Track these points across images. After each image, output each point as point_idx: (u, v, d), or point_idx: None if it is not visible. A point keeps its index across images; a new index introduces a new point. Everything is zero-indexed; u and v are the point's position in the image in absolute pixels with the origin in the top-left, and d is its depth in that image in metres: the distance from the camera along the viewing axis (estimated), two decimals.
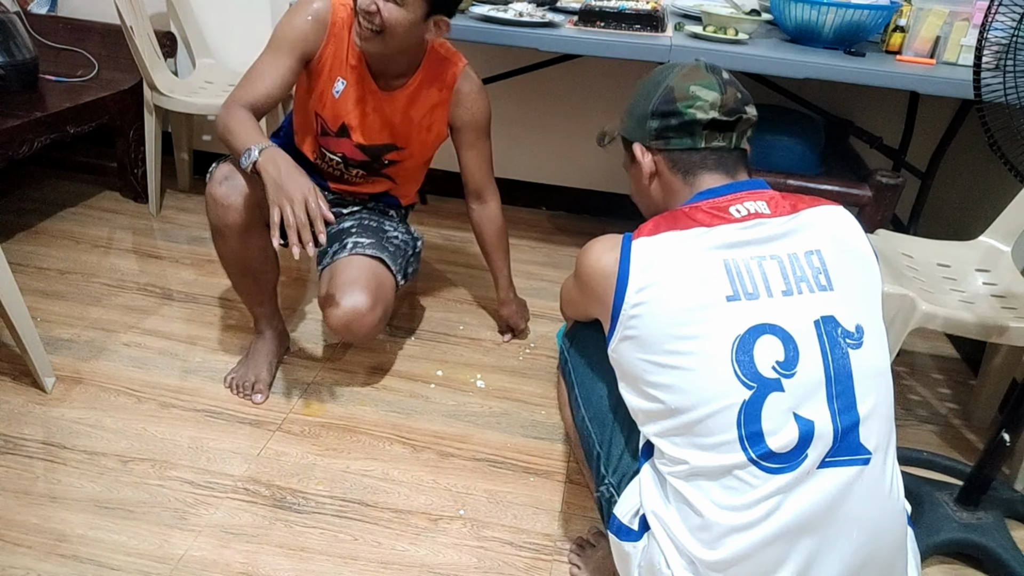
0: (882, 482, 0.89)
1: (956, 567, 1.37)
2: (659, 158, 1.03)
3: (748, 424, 0.86)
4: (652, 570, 0.94)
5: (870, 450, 0.88)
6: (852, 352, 0.88)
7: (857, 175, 1.97)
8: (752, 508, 0.87)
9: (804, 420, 0.86)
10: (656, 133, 1.02)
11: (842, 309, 0.89)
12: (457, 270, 2.24)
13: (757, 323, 0.88)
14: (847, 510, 0.87)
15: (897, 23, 1.87)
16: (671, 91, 1.00)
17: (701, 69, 1.02)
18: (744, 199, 0.96)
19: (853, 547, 0.88)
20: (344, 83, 1.53)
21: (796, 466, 0.86)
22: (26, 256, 2.10)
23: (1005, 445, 1.29)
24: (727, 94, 0.99)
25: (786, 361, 0.87)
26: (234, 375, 1.66)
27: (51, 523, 1.29)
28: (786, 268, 0.90)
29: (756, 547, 0.87)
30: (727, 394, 0.87)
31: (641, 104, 1.04)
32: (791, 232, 0.93)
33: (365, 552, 1.30)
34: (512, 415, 1.66)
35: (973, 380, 1.92)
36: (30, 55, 2.19)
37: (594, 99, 2.50)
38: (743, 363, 0.87)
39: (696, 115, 0.98)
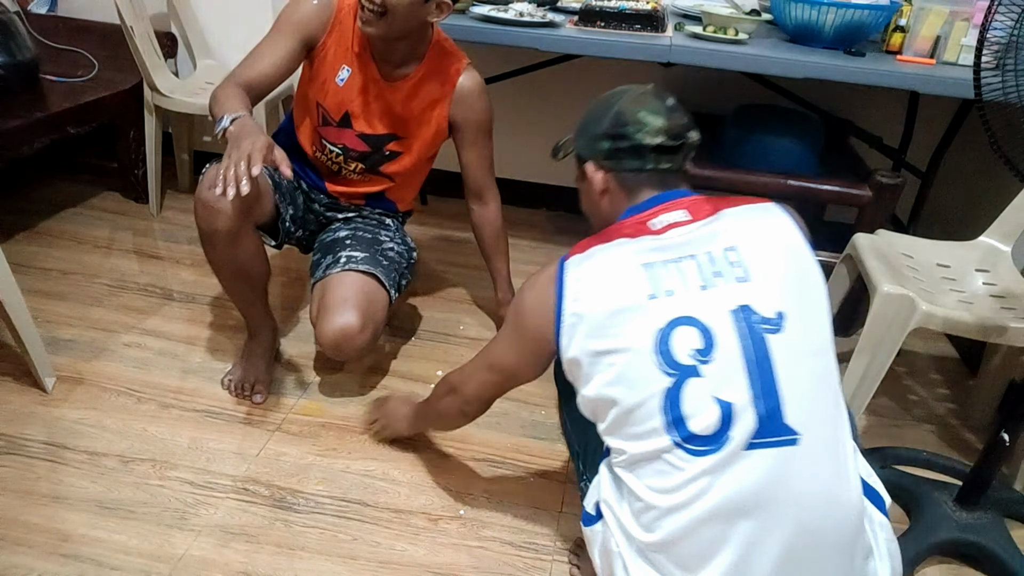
0: (820, 463, 0.92)
1: (955, 567, 1.37)
2: (610, 176, 1.12)
3: (671, 410, 0.93)
4: (607, 552, 1.03)
5: (797, 430, 0.91)
6: (771, 337, 0.93)
7: (857, 175, 1.97)
8: (682, 489, 0.92)
9: (724, 403, 0.91)
10: (607, 154, 1.10)
11: (759, 298, 0.95)
12: (457, 270, 2.24)
13: (675, 316, 0.95)
14: (782, 491, 0.90)
15: (897, 23, 1.87)
16: (621, 115, 1.09)
17: (649, 95, 1.10)
18: (660, 212, 1.05)
19: (792, 529, 0.91)
20: (349, 71, 1.53)
21: (720, 447, 0.91)
22: (27, 256, 2.10)
23: (1004, 445, 1.29)
24: (672, 120, 1.08)
25: (703, 349, 0.93)
26: (232, 377, 1.66)
27: (52, 523, 1.29)
28: (703, 266, 0.98)
29: (690, 527, 0.92)
30: (651, 384, 0.94)
31: (593, 125, 1.12)
32: (710, 233, 1.00)
33: (365, 552, 1.30)
34: (512, 415, 1.66)
35: (972, 380, 1.93)
36: (30, 55, 2.19)
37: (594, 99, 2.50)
38: (663, 353, 0.94)
39: (644, 140, 1.07)
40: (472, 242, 1.90)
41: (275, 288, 1.97)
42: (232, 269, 1.51)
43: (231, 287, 1.57)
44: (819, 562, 0.93)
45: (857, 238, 1.67)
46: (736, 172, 1.92)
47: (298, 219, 1.68)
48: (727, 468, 0.90)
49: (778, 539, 0.91)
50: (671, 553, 0.95)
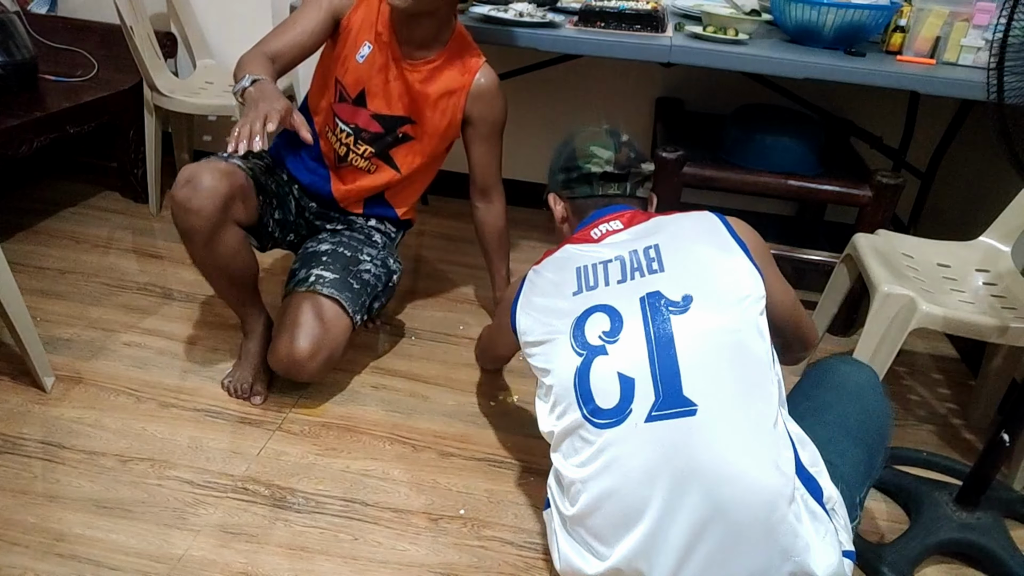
0: (724, 435, 0.95)
1: (955, 567, 1.37)
2: (567, 204, 1.31)
3: (581, 386, 1.04)
4: (551, 533, 1.16)
5: (696, 402, 0.96)
6: (675, 317, 1.02)
7: (857, 175, 1.97)
8: (593, 462, 1.01)
9: (626, 378, 1.00)
10: (563, 184, 1.30)
11: (670, 284, 1.05)
12: (457, 270, 2.24)
13: (591, 305, 1.08)
14: (684, 461, 0.95)
15: (897, 23, 1.87)
16: (574, 150, 1.28)
17: (602, 133, 1.29)
18: (600, 223, 1.20)
19: (699, 500, 0.94)
20: (370, 48, 1.53)
21: (622, 420, 0.99)
22: (26, 256, 2.10)
23: (1004, 445, 1.29)
24: (620, 153, 1.26)
25: (611, 331, 1.04)
26: (230, 379, 1.65)
27: (50, 523, 1.29)
28: (625, 264, 1.10)
29: (602, 498, 1.00)
30: (566, 365, 1.06)
31: (554, 161, 1.33)
32: (638, 236, 1.14)
33: (365, 552, 1.30)
34: (512, 415, 1.66)
35: (973, 380, 1.93)
36: (30, 55, 2.19)
37: (594, 99, 2.50)
38: (576, 336, 1.06)
39: (591, 168, 1.25)
40: (473, 242, 1.90)
41: (274, 287, 1.97)
42: (213, 267, 1.50)
43: (218, 286, 1.57)
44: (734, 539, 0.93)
45: (857, 238, 1.67)
46: (736, 172, 1.92)
47: (287, 224, 1.68)
48: (629, 439, 0.98)
49: (688, 510, 0.94)
50: (589, 524, 1.04)
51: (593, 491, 1.01)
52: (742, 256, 1.08)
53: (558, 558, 1.12)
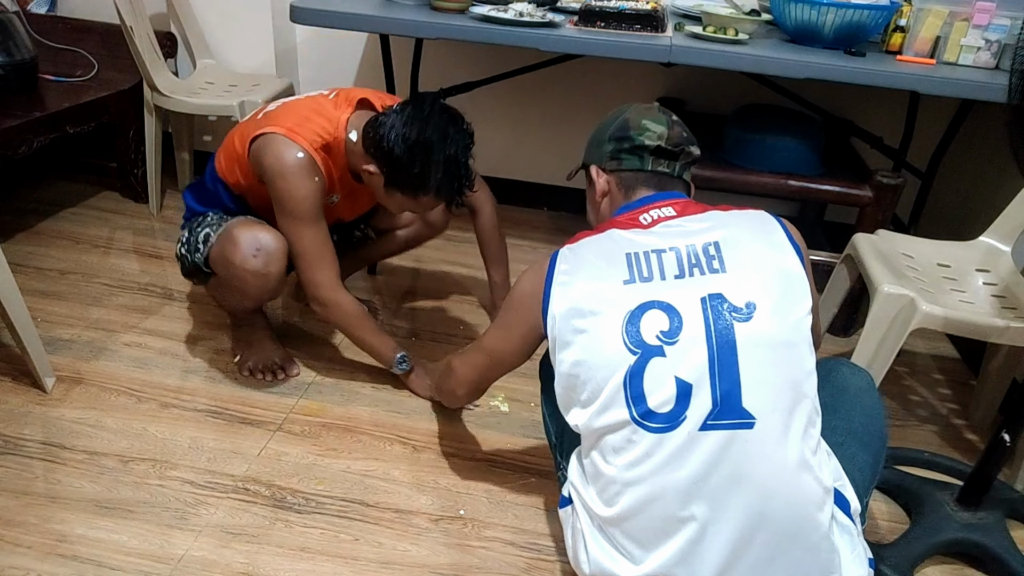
0: (776, 450, 0.94)
1: (957, 567, 1.37)
2: (611, 178, 1.20)
3: (633, 386, 0.98)
4: (574, 533, 1.10)
5: (755, 415, 0.94)
6: (738, 324, 0.97)
7: (857, 175, 1.97)
8: (640, 464, 0.97)
9: (683, 382, 0.96)
10: (610, 155, 1.19)
11: (732, 288, 1.00)
12: (457, 270, 2.24)
13: (647, 300, 1.01)
14: (734, 472, 0.93)
15: (897, 23, 1.87)
16: (627, 121, 1.18)
17: (655, 109, 1.20)
18: (651, 208, 1.12)
19: (745, 512, 0.93)
20: (337, 197, 1.60)
21: (676, 425, 0.95)
22: (26, 256, 2.10)
23: (1005, 445, 1.29)
24: (673, 131, 1.17)
25: (670, 331, 0.98)
26: (251, 363, 1.69)
27: (51, 523, 1.29)
28: (682, 257, 1.03)
29: (646, 501, 0.96)
30: (616, 360, 0.99)
31: (600, 132, 1.22)
32: (695, 229, 1.06)
33: (366, 552, 1.30)
34: (512, 415, 1.66)
35: (973, 380, 1.93)
36: (29, 55, 2.19)
37: (594, 99, 2.50)
38: (631, 333, 0.99)
39: (645, 141, 1.15)
40: (472, 242, 1.90)
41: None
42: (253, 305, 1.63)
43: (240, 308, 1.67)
44: (777, 553, 0.94)
45: (857, 238, 1.67)
46: (737, 172, 1.92)
47: None
48: (682, 446, 0.94)
49: (735, 522, 0.93)
50: (626, 527, 1.00)
51: (637, 494, 0.98)
52: (798, 264, 1.04)
53: (586, 560, 1.06)
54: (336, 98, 1.54)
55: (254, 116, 1.58)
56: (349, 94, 1.55)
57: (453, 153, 1.43)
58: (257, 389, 1.67)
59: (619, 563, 1.01)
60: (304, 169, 1.44)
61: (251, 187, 1.56)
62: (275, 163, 1.44)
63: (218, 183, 1.60)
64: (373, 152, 1.44)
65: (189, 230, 1.59)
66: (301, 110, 1.51)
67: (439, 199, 1.48)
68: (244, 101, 2.21)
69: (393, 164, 1.42)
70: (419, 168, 1.41)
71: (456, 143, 1.43)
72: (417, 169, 1.41)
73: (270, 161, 1.44)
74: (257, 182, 1.52)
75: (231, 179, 1.58)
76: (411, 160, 1.41)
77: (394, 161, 1.42)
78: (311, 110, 1.50)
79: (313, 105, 1.52)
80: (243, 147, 1.51)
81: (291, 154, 1.43)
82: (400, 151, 1.40)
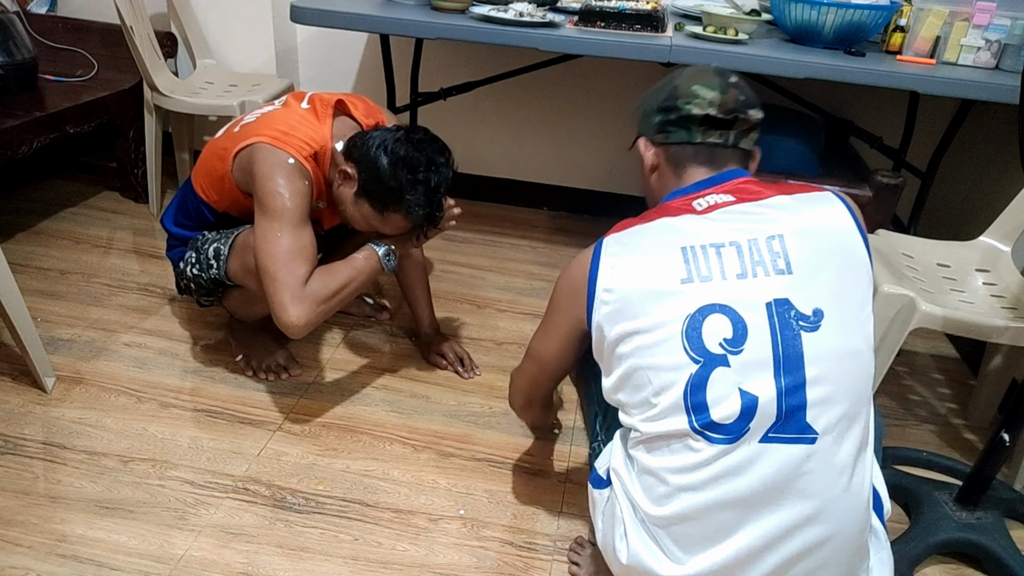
0: (835, 467, 0.91)
1: (956, 567, 1.37)
2: (659, 151, 1.10)
3: (694, 395, 0.92)
4: (612, 518, 1.03)
5: (818, 431, 0.90)
6: (805, 334, 0.91)
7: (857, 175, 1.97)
8: (697, 472, 0.92)
9: (748, 395, 0.90)
10: (658, 127, 1.09)
11: (799, 292, 0.93)
12: (457, 270, 2.24)
13: (708, 303, 0.93)
14: (793, 487, 0.90)
15: (897, 23, 1.87)
16: (676, 88, 1.07)
17: (709, 71, 1.08)
18: (708, 193, 1.02)
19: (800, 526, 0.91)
20: (324, 203, 1.57)
21: (738, 438, 0.90)
22: (26, 256, 2.10)
23: (1005, 445, 1.29)
24: (727, 95, 1.04)
25: (734, 339, 0.92)
26: (254, 363, 1.69)
27: (51, 523, 1.29)
28: (744, 253, 0.95)
29: (700, 510, 0.93)
30: (676, 367, 0.93)
31: (650, 101, 1.11)
32: (756, 218, 0.97)
33: (365, 552, 1.30)
34: (512, 415, 1.66)
35: (973, 380, 1.93)
36: (30, 55, 2.19)
37: (594, 99, 2.50)
38: (692, 339, 0.92)
39: (692, 110, 1.04)
40: (473, 242, 1.90)
41: None
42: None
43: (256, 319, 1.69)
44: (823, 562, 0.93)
45: None
46: None
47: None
48: (743, 459, 0.90)
49: (785, 536, 0.91)
50: (674, 530, 0.95)
51: (691, 502, 0.93)
52: (865, 255, 0.96)
53: (624, 549, 1.00)
54: (313, 107, 1.52)
55: (228, 131, 1.55)
56: (323, 99, 1.53)
57: (435, 181, 1.43)
58: (257, 389, 1.67)
59: (660, 561, 0.97)
60: (294, 171, 1.42)
61: (235, 202, 1.53)
62: (264, 167, 1.41)
63: (201, 204, 1.58)
64: (356, 157, 1.44)
65: (196, 251, 1.55)
66: (283, 121, 1.47)
67: (407, 220, 1.46)
68: (244, 101, 2.21)
69: (372, 172, 1.42)
70: (397, 183, 1.41)
71: (439, 174, 1.44)
72: (395, 183, 1.41)
73: (259, 167, 1.42)
74: (242, 196, 1.50)
75: (213, 198, 1.56)
76: (392, 173, 1.40)
77: (374, 169, 1.41)
78: (294, 121, 1.47)
79: (294, 116, 1.49)
80: (225, 163, 1.48)
81: (281, 159, 1.42)
82: (383, 162, 1.40)
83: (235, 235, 1.52)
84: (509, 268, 2.26)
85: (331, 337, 1.88)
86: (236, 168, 1.47)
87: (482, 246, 2.38)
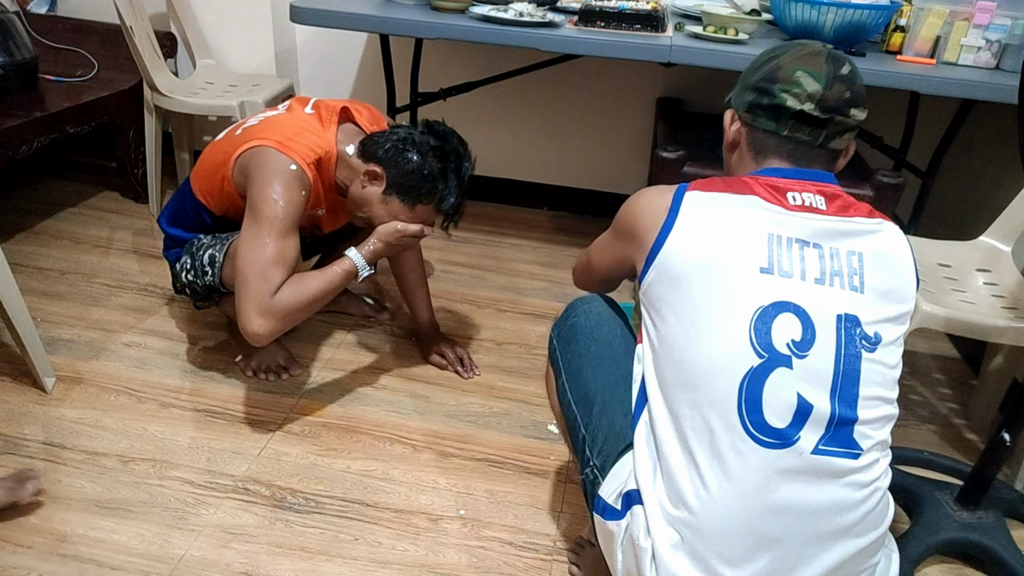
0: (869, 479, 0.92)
1: (956, 567, 1.37)
2: (743, 131, 1.03)
3: (750, 391, 0.88)
4: (634, 546, 0.95)
5: (862, 447, 0.91)
6: (865, 354, 0.91)
7: (858, 175, 1.96)
8: (739, 476, 0.88)
9: (804, 401, 0.88)
10: (748, 106, 1.01)
11: (867, 313, 0.92)
12: (458, 270, 2.24)
13: (783, 300, 0.90)
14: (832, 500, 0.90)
15: (897, 23, 1.87)
16: (777, 70, 0.98)
17: (819, 56, 0.98)
18: (798, 188, 0.96)
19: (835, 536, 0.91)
20: (323, 211, 1.58)
21: (789, 444, 0.88)
22: (26, 256, 2.10)
23: (1005, 445, 1.29)
24: (831, 90, 0.96)
25: (801, 342, 0.89)
26: (253, 363, 1.69)
27: (52, 523, 1.29)
28: (825, 259, 0.92)
29: (740, 517, 0.89)
30: (737, 356, 0.89)
31: (749, 73, 1.03)
32: (841, 232, 0.94)
33: (365, 552, 1.30)
34: (512, 415, 1.66)
35: (974, 380, 1.92)
36: (30, 55, 2.19)
37: (594, 99, 2.50)
38: (760, 332, 0.89)
39: (787, 101, 0.96)
40: (473, 242, 1.90)
41: None
42: None
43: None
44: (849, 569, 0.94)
45: None
46: None
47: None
48: (791, 466, 0.88)
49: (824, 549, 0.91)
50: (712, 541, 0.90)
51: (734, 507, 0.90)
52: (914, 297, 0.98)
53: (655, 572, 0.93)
54: (317, 113, 1.52)
55: (230, 133, 1.54)
56: (328, 105, 1.53)
57: (464, 169, 1.49)
58: (257, 389, 1.67)
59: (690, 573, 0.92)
60: (294, 179, 1.41)
61: (233, 205, 1.53)
62: (264, 172, 1.40)
63: (198, 207, 1.58)
64: (380, 156, 1.44)
65: (191, 256, 1.55)
66: (289, 126, 1.47)
67: (438, 211, 1.49)
68: (244, 101, 2.21)
69: (403, 166, 1.43)
70: (430, 173, 1.43)
71: (466, 164, 1.49)
72: (428, 173, 1.43)
73: (259, 171, 1.40)
74: (240, 200, 1.48)
75: (211, 201, 1.56)
76: (423, 163, 1.43)
77: (405, 163, 1.43)
78: (299, 126, 1.47)
79: (299, 121, 1.49)
80: (225, 166, 1.47)
81: (284, 164, 1.41)
82: (413, 155, 1.43)
83: (230, 242, 1.51)
84: (509, 268, 2.26)
85: (331, 337, 1.88)
86: (236, 171, 1.46)
87: (482, 246, 2.38)
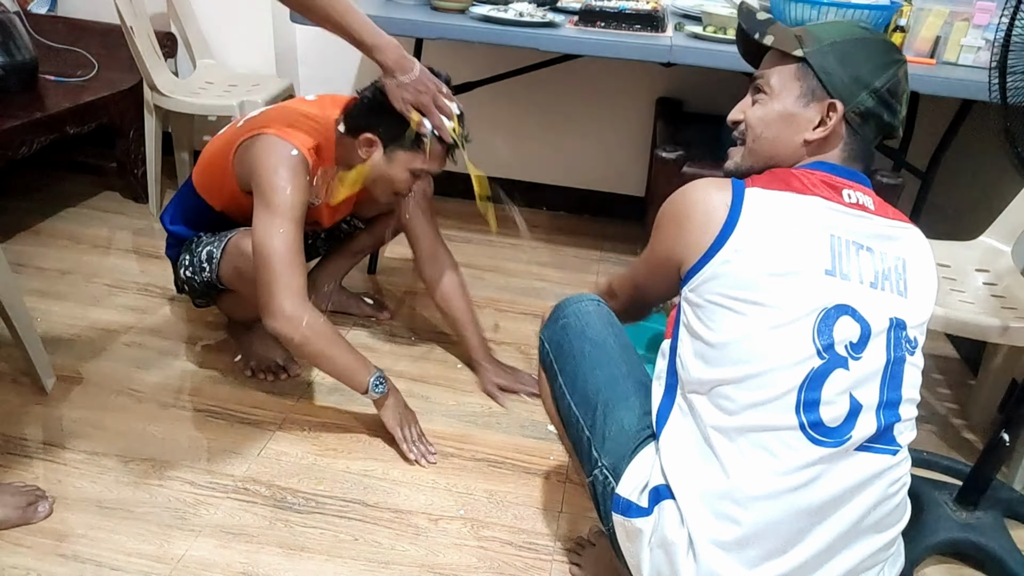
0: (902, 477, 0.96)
1: (955, 567, 1.37)
2: (840, 126, 1.00)
3: (809, 390, 0.90)
4: (664, 542, 0.93)
5: (900, 445, 0.94)
6: (908, 358, 0.95)
7: None
8: (793, 473, 0.90)
9: (856, 401, 0.91)
10: (864, 111, 0.99)
11: (910, 318, 0.96)
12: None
13: (844, 303, 0.92)
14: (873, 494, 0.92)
15: (897, 23, 1.86)
16: (899, 84, 1.00)
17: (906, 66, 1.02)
18: (857, 188, 0.99)
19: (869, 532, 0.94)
20: (320, 200, 1.57)
21: (841, 443, 0.90)
22: (26, 256, 2.10)
23: (1005, 445, 1.29)
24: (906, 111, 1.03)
25: (857, 344, 0.92)
26: (253, 363, 1.69)
27: (51, 523, 1.29)
28: (877, 263, 0.96)
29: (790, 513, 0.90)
30: (799, 357, 0.91)
31: (868, 71, 0.99)
32: (886, 236, 0.98)
33: (365, 552, 1.30)
34: (512, 415, 1.66)
35: (973, 380, 1.93)
36: (30, 55, 2.19)
37: (594, 99, 2.50)
38: (823, 334, 0.91)
39: (896, 120, 1.02)
40: (472, 242, 1.90)
41: None
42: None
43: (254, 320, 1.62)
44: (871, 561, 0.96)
45: None
46: None
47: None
48: (838, 464, 0.91)
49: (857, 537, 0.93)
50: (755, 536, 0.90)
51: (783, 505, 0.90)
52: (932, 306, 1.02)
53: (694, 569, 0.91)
54: (320, 101, 1.52)
55: (232, 127, 1.54)
56: (335, 98, 1.53)
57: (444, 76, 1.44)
58: (257, 389, 1.67)
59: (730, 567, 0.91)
60: (297, 165, 1.40)
61: (234, 200, 1.52)
62: (266, 159, 1.39)
63: (200, 203, 1.58)
64: (367, 119, 1.43)
65: (190, 253, 1.56)
66: (288, 113, 1.47)
67: (439, 143, 1.44)
68: (244, 101, 2.21)
69: (388, 119, 1.40)
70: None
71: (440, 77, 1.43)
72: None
73: (262, 158, 1.39)
74: (242, 194, 1.48)
75: (212, 196, 1.56)
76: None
77: (388, 114, 1.40)
78: (299, 112, 1.47)
79: (299, 108, 1.49)
80: (226, 157, 1.47)
81: (284, 150, 1.40)
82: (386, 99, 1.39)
83: (228, 238, 1.51)
84: (509, 268, 2.26)
85: None
86: (237, 161, 1.46)
87: (482, 246, 2.38)
